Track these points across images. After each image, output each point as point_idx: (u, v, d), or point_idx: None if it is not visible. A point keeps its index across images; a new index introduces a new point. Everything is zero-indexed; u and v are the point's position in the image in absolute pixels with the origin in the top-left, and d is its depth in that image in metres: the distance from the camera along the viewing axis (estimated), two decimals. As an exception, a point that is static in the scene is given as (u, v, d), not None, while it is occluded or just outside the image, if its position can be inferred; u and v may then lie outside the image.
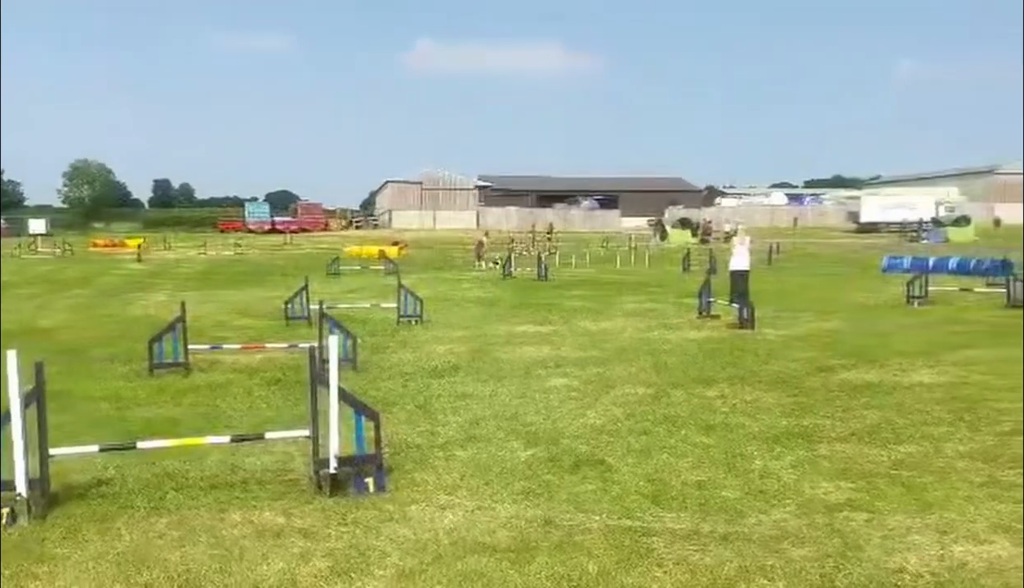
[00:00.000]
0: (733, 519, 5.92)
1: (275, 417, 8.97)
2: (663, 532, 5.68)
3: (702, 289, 17.73)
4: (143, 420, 9.01)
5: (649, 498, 6.37)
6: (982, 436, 7.96)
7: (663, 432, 8.28)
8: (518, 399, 9.85)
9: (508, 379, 11.04)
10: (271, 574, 5.10)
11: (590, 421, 8.76)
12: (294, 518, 6.02)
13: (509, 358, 12.70)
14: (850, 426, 8.44)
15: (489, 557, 5.27)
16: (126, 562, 5.28)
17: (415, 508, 6.20)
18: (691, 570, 5.07)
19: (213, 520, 5.99)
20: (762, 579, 4.95)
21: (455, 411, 9.27)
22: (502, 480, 6.83)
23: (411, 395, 10.10)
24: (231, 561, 5.28)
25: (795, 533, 5.64)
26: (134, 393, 10.42)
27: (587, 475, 6.94)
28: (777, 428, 8.38)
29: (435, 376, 11.31)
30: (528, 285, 27.17)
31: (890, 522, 5.82)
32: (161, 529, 5.83)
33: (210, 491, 6.61)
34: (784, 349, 13.28)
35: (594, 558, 5.24)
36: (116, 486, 6.73)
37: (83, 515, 6.08)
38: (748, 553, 5.31)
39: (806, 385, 10.45)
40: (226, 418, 9.08)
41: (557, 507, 6.20)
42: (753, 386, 10.39)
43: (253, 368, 11.98)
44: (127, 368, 12.01)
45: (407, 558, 5.28)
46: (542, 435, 8.21)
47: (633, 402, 9.62)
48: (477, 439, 8.09)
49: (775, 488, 6.59)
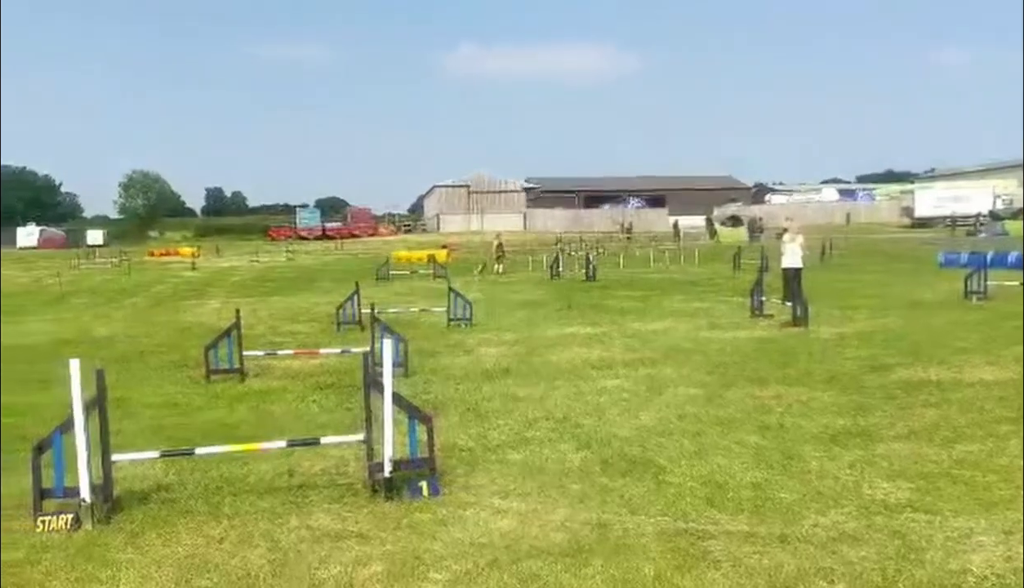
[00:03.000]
0: (790, 521, 5.84)
1: (329, 422, 9.06)
2: (719, 534, 5.62)
3: (754, 287, 17.55)
4: (201, 426, 9.16)
5: (704, 500, 6.31)
6: (1047, 434, 7.75)
7: (717, 433, 8.20)
8: (569, 401, 9.83)
9: (559, 381, 11.03)
10: (328, 578, 5.15)
11: (642, 423, 8.71)
12: (349, 522, 6.07)
13: (559, 360, 12.69)
14: (909, 425, 8.28)
15: (544, 561, 5.26)
16: (186, 566, 5.37)
17: (469, 512, 6.22)
18: (748, 572, 5.02)
19: (270, 524, 6.06)
20: (821, 581, 4.87)
21: (507, 414, 9.28)
22: (555, 483, 6.81)
23: (462, 398, 10.13)
24: (288, 565, 5.34)
25: (854, 535, 5.55)
26: (191, 399, 10.61)
27: (640, 477, 6.90)
28: (833, 428, 8.25)
29: (486, 379, 11.33)
30: (576, 286, 27.14)
31: (953, 523, 5.69)
32: (220, 534, 5.92)
33: (267, 496, 6.70)
34: (839, 347, 13.08)
35: (650, 561, 5.20)
36: (175, 491, 6.84)
37: (144, 520, 6.20)
38: (806, 555, 5.23)
39: (862, 384, 10.28)
40: (281, 423, 9.19)
41: (611, 510, 6.17)
42: (808, 386, 10.25)
43: (307, 373, 12.12)
44: (184, 374, 12.23)
45: (462, 562, 5.29)
46: (594, 437, 8.18)
47: (685, 403, 9.55)
48: (529, 442, 8.09)
49: (832, 489, 6.48)
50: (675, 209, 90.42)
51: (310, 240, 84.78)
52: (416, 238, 79.58)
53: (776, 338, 14.32)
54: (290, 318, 20.05)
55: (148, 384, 11.61)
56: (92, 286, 33.79)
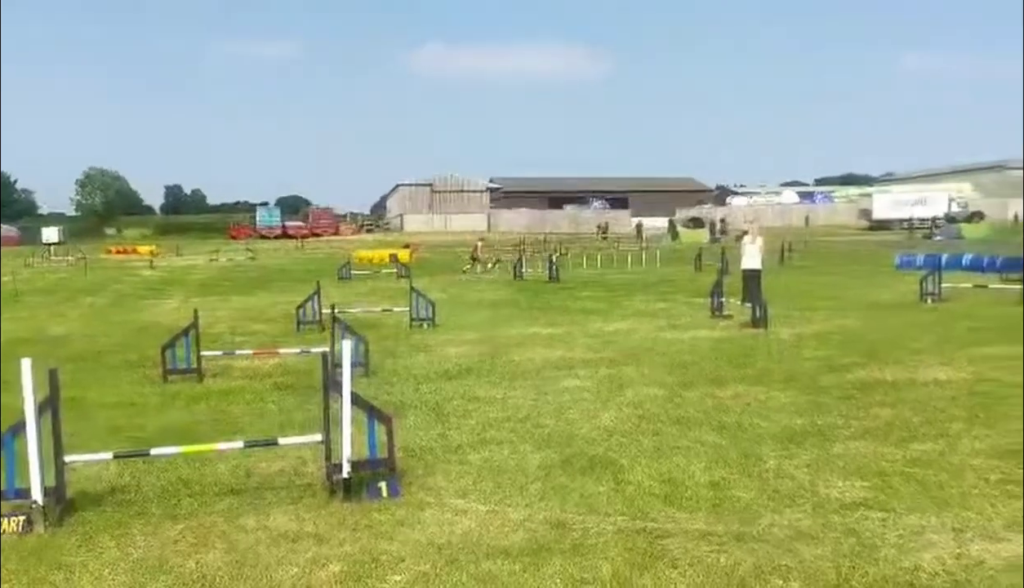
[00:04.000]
0: (747, 519, 5.90)
1: (288, 422, 8.99)
2: (677, 533, 5.66)
3: (714, 289, 17.69)
4: (157, 427, 9.04)
5: (663, 499, 6.35)
6: (997, 433, 7.90)
7: (676, 433, 8.26)
8: (531, 401, 9.84)
9: (520, 381, 11.04)
10: (285, 579, 5.11)
11: (603, 423, 8.75)
12: (308, 523, 6.02)
13: (521, 360, 12.70)
14: (864, 425, 8.40)
15: (503, 561, 5.26)
16: (141, 569, 5.29)
17: (428, 512, 6.20)
18: (706, 571, 5.05)
19: (227, 526, 6.00)
20: (777, 579, 4.93)
21: (468, 414, 9.26)
22: (515, 483, 6.82)
23: (423, 398, 10.10)
24: (245, 567, 5.29)
25: (810, 533, 5.61)
26: (148, 400, 10.47)
27: (600, 477, 6.92)
28: (791, 427, 8.34)
29: (447, 379, 11.31)
30: (539, 286, 27.18)
31: (906, 521, 5.78)
32: (176, 535, 5.85)
33: (224, 497, 6.63)
34: (797, 348, 13.23)
35: (608, 560, 5.22)
36: (131, 493, 6.75)
37: (98, 522, 6.11)
38: (763, 553, 5.28)
39: (819, 384, 10.40)
40: (239, 424, 9.11)
41: (571, 509, 6.19)
42: (766, 385, 10.35)
43: (265, 373, 12.02)
44: (141, 374, 12.07)
45: (421, 562, 5.27)
46: (555, 437, 8.20)
47: (646, 403, 9.60)
48: (490, 442, 8.08)
49: (789, 488, 6.55)
50: (638, 210, 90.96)
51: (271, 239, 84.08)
52: (379, 237, 79.21)
53: (735, 338, 14.46)
54: (250, 318, 19.86)
55: (104, 384, 11.44)
56: (48, 285, 33.22)
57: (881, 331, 14.86)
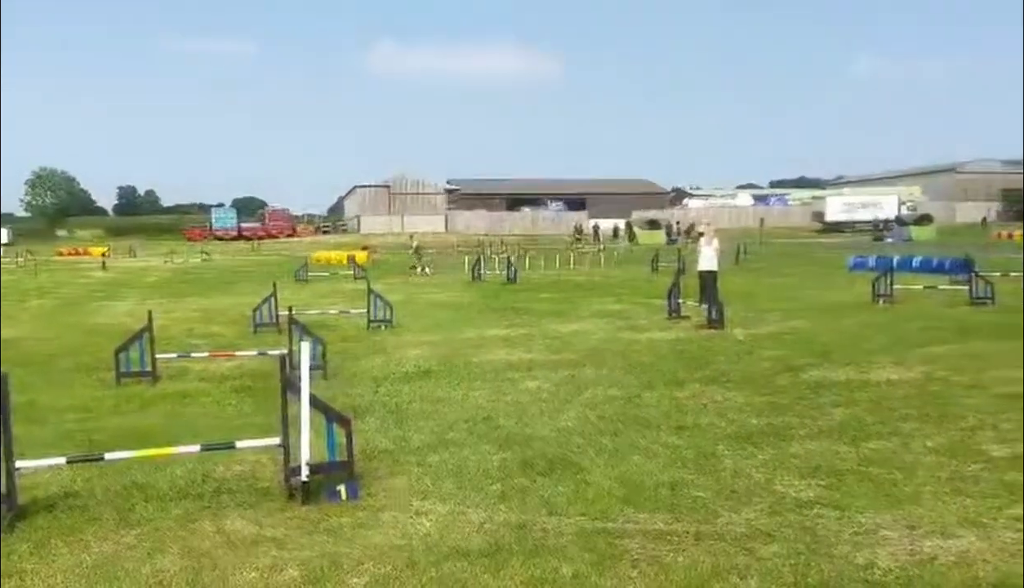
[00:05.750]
0: (705, 519, 5.95)
1: (245, 425, 8.88)
2: (637, 533, 5.70)
3: (671, 290, 17.82)
4: (111, 430, 8.88)
5: (622, 500, 6.38)
6: (948, 431, 8.06)
7: (635, 433, 8.30)
8: (490, 403, 9.84)
9: (480, 383, 11.03)
10: (243, 584, 5.06)
11: (562, 424, 8.77)
12: (266, 527, 5.97)
13: (480, 361, 12.69)
14: (819, 424, 8.52)
15: (464, 562, 5.26)
16: (95, 575, 5.20)
17: (388, 515, 6.17)
18: (665, 570, 5.09)
19: (183, 531, 5.92)
20: (735, 578, 4.98)
21: (427, 416, 9.24)
22: (475, 485, 6.81)
23: (382, 401, 10.05)
24: (202, 572, 5.22)
25: (767, 531, 5.68)
26: (101, 403, 10.29)
27: (560, 478, 6.94)
28: (748, 427, 8.43)
29: (406, 381, 11.27)
30: (497, 288, 27.20)
31: (860, 518, 5.87)
32: (131, 541, 5.76)
33: (180, 502, 6.53)
34: (753, 349, 13.38)
35: (568, 561, 5.24)
36: (84, 498, 6.63)
37: (51, 528, 5.99)
38: (721, 552, 5.34)
39: (775, 384, 10.53)
40: (195, 427, 8.97)
41: (531, 511, 6.20)
42: (723, 386, 10.46)
43: (222, 376, 11.87)
44: (94, 378, 11.86)
45: (381, 565, 5.25)
46: (515, 439, 8.20)
47: (605, 404, 9.65)
48: (450, 444, 8.06)
49: (746, 487, 6.63)
50: (595, 212, 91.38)
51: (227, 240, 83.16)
52: (336, 239, 78.67)
53: (692, 339, 14.58)
54: (206, 320, 19.63)
55: (56, 388, 11.22)
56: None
57: (835, 332, 15.08)
